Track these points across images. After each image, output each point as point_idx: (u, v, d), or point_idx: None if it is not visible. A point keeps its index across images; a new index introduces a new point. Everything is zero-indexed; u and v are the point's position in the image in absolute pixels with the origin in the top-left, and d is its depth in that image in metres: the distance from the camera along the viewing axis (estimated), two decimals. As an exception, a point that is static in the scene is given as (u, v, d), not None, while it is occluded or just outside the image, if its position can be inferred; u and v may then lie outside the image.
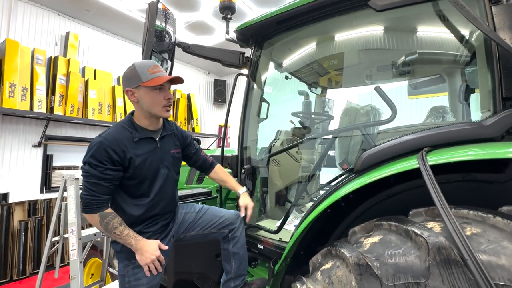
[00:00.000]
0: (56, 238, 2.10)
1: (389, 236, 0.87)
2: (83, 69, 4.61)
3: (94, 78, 4.64)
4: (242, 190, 1.68)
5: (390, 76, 2.20)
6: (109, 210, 1.29)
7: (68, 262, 3.71)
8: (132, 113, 1.40)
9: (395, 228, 0.87)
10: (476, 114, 1.61)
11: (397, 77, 2.18)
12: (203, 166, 1.72)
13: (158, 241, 1.36)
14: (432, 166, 0.88)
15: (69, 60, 4.25)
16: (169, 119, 1.53)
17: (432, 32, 1.66)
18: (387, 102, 1.32)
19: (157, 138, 1.41)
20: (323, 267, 0.97)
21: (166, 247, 1.39)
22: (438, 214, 0.77)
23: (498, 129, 0.96)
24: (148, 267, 1.30)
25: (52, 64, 4.17)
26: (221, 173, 1.74)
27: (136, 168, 1.30)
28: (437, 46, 1.69)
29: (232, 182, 1.72)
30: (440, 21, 1.39)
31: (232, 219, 1.62)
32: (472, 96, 1.81)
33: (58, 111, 4.03)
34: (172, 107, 1.38)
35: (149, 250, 1.30)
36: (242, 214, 1.59)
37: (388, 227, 0.91)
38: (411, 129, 1.20)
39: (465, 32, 1.39)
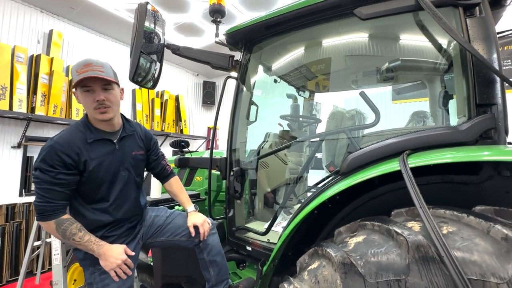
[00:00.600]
0: (38, 243, 2.02)
1: (372, 235, 0.91)
2: (67, 68, 4.47)
3: (79, 78, 4.51)
4: (190, 208, 1.62)
5: (375, 81, 2.29)
6: (66, 216, 1.23)
7: (49, 268, 3.58)
8: (87, 114, 1.34)
9: (378, 228, 0.91)
10: (453, 119, 1.70)
11: (381, 82, 2.26)
12: (160, 174, 1.67)
13: (124, 246, 1.32)
14: (413, 168, 0.93)
15: (52, 58, 4.12)
16: (130, 119, 1.50)
17: (414, 40, 1.74)
18: (371, 107, 1.37)
19: (115, 140, 1.35)
20: (310, 267, 1.00)
21: (133, 253, 1.35)
22: (418, 214, 0.82)
23: (472, 134, 1.02)
24: (116, 272, 1.26)
25: (34, 62, 4.03)
26: (175, 186, 1.69)
27: (91, 171, 1.25)
28: (419, 54, 1.77)
29: (184, 198, 1.66)
30: (421, 30, 1.46)
31: None
32: (451, 102, 1.91)
33: (40, 111, 3.89)
34: (110, 108, 1.29)
35: (114, 254, 1.25)
36: (193, 235, 1.51)
37: (372, 227, 0.94)
38: (394, 133, 1.26)
39: (443, 41, 1.47)
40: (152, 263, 2.03)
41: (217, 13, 1.85)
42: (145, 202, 1.59)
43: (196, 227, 1.52)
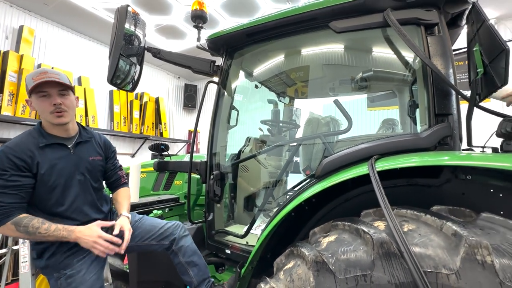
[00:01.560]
0: (3, 251, 1.89)
1: (343, 235, 0.97)
2: (38, 67, 4.25)
3: (51, 77, 4.30)
4: (125, 213, 1.50)
5: (350, 89, 2.41)
6: (23, 215, 1.22)
7: (12, 280, 3.33)
8: (41, 122, 1.38)
9: (348, 228, 0.97)
10: (419, 127, 1.84)
11: (356, 90, 2.39)
12: (112, 184, 1.65)
13: (99, 222, 1.34)
14: (381, 172, 1.01)
15: (21, 56, 3.91)
16: (87, 127, 1.55)
17: (384, 53, 1.87)
18: (344, 114, 1.46)
19: (70, 145, 1.39)
20: (286, 267, 1.04)
21: (110, 223, 1.38)
22: (384, 214, 0.88)
23: (431, 140, 1.13)
24: (100, 250, 1.26)
25: (1, 59, 3.79)
26: (121, 193, 1.62)
27: (43, 174, 1.27)
28: (389, 66, 1.91)
29: (124, 204, 1.56)
30: (391, 44, 1.58)
31: (172, 229, 1.60)
32: (417, 110, 2.06)
33: (6, 111, 3.66)
34: (66, 113, 1.34)
35: (88, 233, 1.26)
36: (116, 231, 1.36)
37: (343, 227, 1.00)
38: (365, 139, 1.35)
39: (410, 56, 1.59)
40: (127, 270, 1.98)
41: (199, 19, 1.88)
42: (110, 208, 1.59)
43: (121, 231, 1.41)
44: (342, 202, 1.33)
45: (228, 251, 1.79)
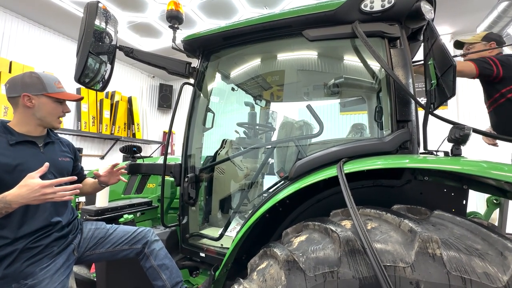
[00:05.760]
0: None
1: (313, 234, 1.02)
2: (-5, 60, 3.90)
3: (10, 72, 3.96)
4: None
5: (323, 94, 2.52)
6: None
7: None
8: (5, 121, 1.35)
9: (318, 227, 1.02)
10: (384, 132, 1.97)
11: (329, 95, 2.50)
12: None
13: (29, 174, 1.10)
14: (350, 174, 1.07)
15: (-26, 47, 3.56)
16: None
17: (354, 62, 1.98)
18: (316, 119, 1.53)
19: (41, 145, 1.39)
20: (259, 267, 1.06)
21: (45, 168, 1.13)
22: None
23: (393, 145, 1.22)
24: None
25: (-52, 50, 3.42)
26: (86, 182, 1.69)
27: (13, 172, 1.22)
28: (358, 73, 2.02)
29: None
30: (360, 54, 1.68)
31: (144, 233, 1.63)
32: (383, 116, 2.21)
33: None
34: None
35: (26, 190, 1.05)
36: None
37: (313, 226, 1.05)
38: (335, 142, 1.42)
39: (376, 65, 1.71)
40: (94, 279, 1.88)
41: (174, 19, 1.85)
42: (75, 212, 1.56)
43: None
44: (314, 203, 1.39)
45: (202, 254, 1.77)
